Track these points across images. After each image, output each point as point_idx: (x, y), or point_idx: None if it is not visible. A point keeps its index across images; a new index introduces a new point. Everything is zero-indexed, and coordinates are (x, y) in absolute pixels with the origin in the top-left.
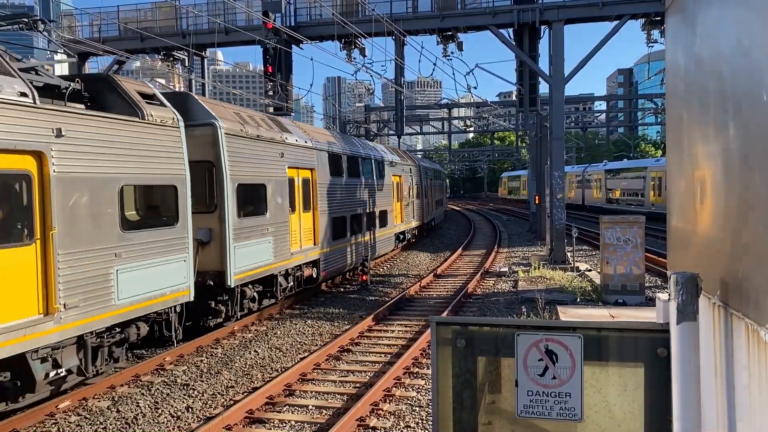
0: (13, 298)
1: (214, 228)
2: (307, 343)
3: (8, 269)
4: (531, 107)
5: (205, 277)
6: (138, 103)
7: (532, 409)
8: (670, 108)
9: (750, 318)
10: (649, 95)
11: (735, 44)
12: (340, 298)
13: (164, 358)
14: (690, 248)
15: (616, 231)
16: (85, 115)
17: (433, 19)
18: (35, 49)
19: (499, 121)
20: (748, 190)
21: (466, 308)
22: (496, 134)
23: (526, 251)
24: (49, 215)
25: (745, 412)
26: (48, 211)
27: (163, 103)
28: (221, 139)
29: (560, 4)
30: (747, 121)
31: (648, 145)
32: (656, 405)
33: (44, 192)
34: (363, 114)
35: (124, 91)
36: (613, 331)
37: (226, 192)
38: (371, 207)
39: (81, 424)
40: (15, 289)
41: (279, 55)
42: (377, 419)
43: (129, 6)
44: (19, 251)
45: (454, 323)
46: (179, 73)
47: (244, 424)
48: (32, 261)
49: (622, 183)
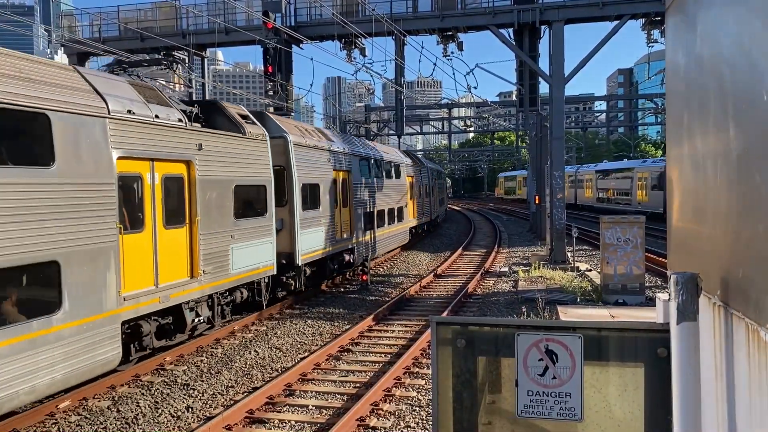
0: (176, 264)
1: (285, 218)
2: (308, 343)
3: (172, 244)
4: (531, 107)
5: (279, 257)
6: (240, 122)
7: (532, 409)
8: (670, 108)
9: (750, 318)
10: (649, 95)
11: (735, 44)
12: (340, 298)
13: (164, 358)
14: (690, 248)
15: (617, 231)
16: (213, 134)
17: (433, 19)
18: (35, 49)
19: (499, 121)
20: (748, 190)
21: (467, 308)
22: (496, 134)
23: (526, 251)
24: (194, 206)
25: (745, 412)
26: (194, 203)
27: (254, 122)
28: (291, 148)
29: (560, 4)
30: (747, 121)
31: (648, 145)
32: (656, 405)
33: (191, 190)
34: (363, 114)
35: (229, 114)
36: (613, 331)
37: (295, 190)
38: (391, 204)
39: (81, 424)
40: (176, 258)
41: (279, 55)
42: (377, 419)
43: (129, 6)
44: (177, 231)
45: (455, 323)
46: (179, 73)
47: (245, 424)
48: (184, 239)
49: (612, 183)
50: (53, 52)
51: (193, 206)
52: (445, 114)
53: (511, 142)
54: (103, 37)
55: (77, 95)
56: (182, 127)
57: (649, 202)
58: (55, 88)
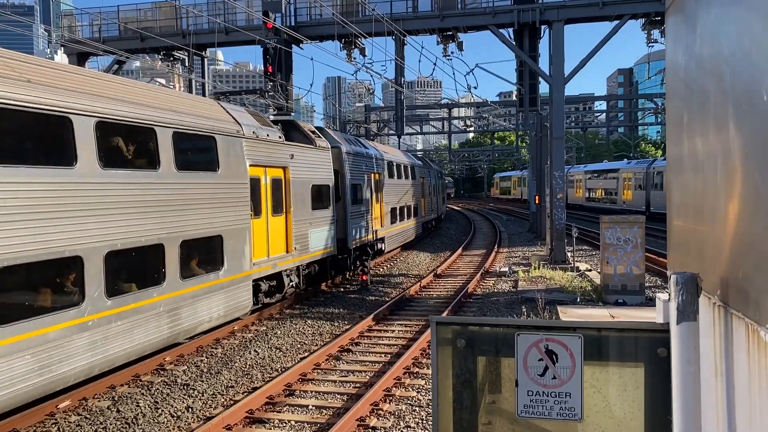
0: (278, 242)
1: (339, 212)
2: (307, 343)
3: (276, 227)
4: (531, 107)
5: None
6: (311, 136)
7: (532, 409)
8: (670, 108)
9: (750, 318)
10: (649, 95)
11: (735, 44)
12: (340, 298)
13: (164, 358)
14: (690, 248)
15: (617, 231)
16: (299, 146)
17: (434, 19)
18: (35, 49)
19: (499, 121)
20: (748, 190)
21: (467, 308)
22: (496, 134)
23: (526, 251)
24: (289, 200)
25: (745, 412)
26: (288, 198)
27: (320, 135)
28: (344, 156)
29: (560, 4)
30: (747, 121)
31: (648, 144)
32: (656, 405)
33: (287, 188)
34: (363, 114)
35: (303, 129)
36: (613, 331)
37: (347, 189)
38: (410, 201)
39: (81, 423)
40: (279, 237)
41: (279, 55)
42: (377, 419)
43: (129, 6)
44: (279, 218)
45: (455, 323)
46: (179, 73)
47: (244, 424)
48: (283, 224)
49: (600, 183)
50: (53, 52)
51: (288, 200)
52: (445, 114)
53: (511, 142)
54: (103, 37)
55: (227, 123)
56: (282, 143)
57: (632, 201)
58: (216, 120)
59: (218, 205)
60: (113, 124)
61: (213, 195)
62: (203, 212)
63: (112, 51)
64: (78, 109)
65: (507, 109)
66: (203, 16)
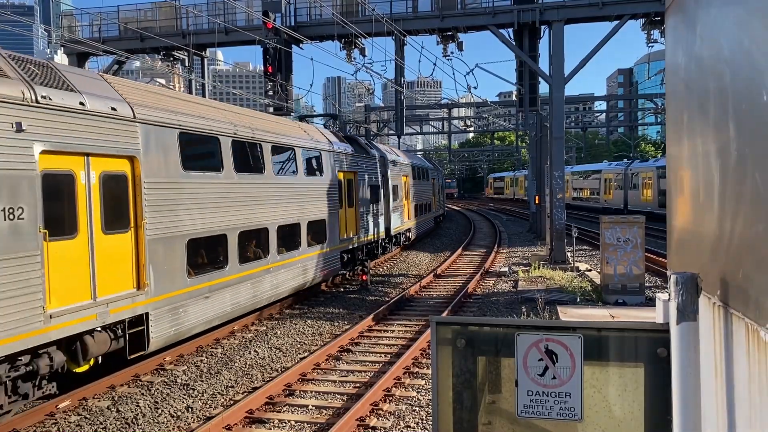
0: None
1: (385, 207)
2: (307, 343)
3: (350, 216)
4: (531, 107)
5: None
6: (366, 148)
7: (532, 409)
8: (670, 108)
9: (750, 318)
10: (649, 95)
11: (735, 44)
12: (340, 298)
13: (164, 358)
14: (690, 248)
15: (617, 231)
16: (361, 156)
17: (433, 19)
18: (35, 49)
19: (499, 121)
20: (748, 189)
21: (466, 308)
22: (496, 134)
23: (526, 251)
24: (356, 195)
25: (745, 412)
26: (356, 194)
27: (372, 146)
28: (387, 163)
29: (560, 4)
30: (747, 121)
31: (648, 144)
32: (656, 405)
33: (355, 186)
34: (363, 114)
35: (360, 142)
36: (613, 331)
37: (390, 189)
38: (427, 199)
39: (81, 424)
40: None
41: (279, 55)
42: (377, 419)
43: (129, 6)
44: (351, 209)
45: (454, 323)
46: (179, 73)
47: (244, 424)
48: (353, 214)
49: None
50: (53, 53)
51: (356, 195)
52: (445, 114)
53: (511, 142)
54: (103, 38)
55: (324, 144)
56: (353, 154)
57: (613, 199)
58: (319, 141)
59: (324, 198)
60: (241, 142)
61: (321, 191)
62: (317, 203)
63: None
64: (222, 132)
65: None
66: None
